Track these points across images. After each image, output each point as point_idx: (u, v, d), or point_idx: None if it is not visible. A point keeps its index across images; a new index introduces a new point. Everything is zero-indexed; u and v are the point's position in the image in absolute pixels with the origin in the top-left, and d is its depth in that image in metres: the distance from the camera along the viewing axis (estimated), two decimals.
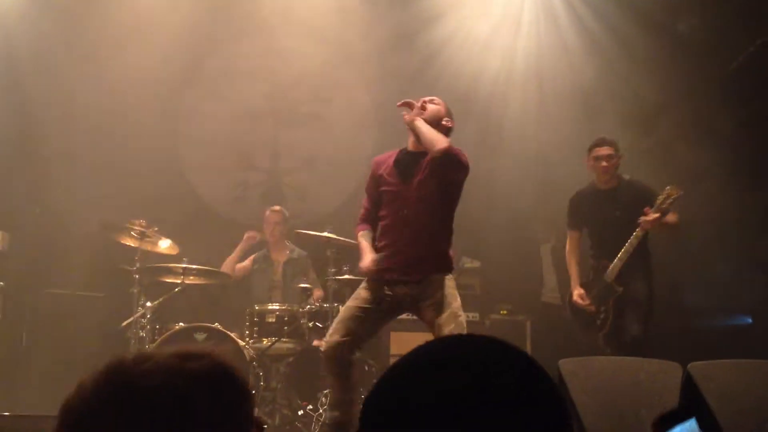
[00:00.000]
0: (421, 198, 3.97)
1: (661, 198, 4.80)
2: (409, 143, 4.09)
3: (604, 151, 5.12)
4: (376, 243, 4.07)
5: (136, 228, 5.48)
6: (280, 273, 6.21)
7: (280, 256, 6.21)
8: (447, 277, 3.98)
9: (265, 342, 5.43)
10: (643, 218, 4.83)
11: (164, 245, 5.71)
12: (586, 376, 3.51)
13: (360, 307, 3.96)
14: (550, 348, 5.61)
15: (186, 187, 6.78)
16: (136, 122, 6.52)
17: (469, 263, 6.28)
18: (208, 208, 6.80)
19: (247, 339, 5.48)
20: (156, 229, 5.57)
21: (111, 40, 6.56)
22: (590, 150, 5.17)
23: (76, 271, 6.39)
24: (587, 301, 5.13)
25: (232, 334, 5.40)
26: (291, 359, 5.50)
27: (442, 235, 4.04)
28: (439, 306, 3.87)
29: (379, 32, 6.77)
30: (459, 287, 5.99)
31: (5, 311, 5.55)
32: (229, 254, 6.25)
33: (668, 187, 4.80)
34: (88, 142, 6.50)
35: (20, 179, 6.23)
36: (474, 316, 5.99)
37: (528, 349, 5.76)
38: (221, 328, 5.38)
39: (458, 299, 3.96)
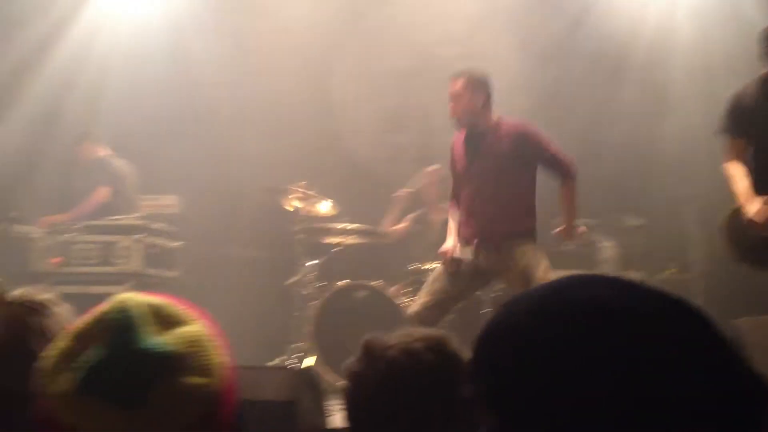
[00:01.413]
0: (493, 169, 4.18)
1: None
2: None
3: None
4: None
5: (298, 191, 5.67)
6: (437, 233, 6.17)
7: (438, 216, 6.19)
8: (528, 245, 4.09)
9: None
10: None
11: (324, 206, 5.86)
12: (766, 335, 3.28)
13: (446, 272, 4.23)
14: (728, 308, 5.22)
15: (342, 148, 6.93)
16: (293, 85, 6.74)
17: (632, 221, 6.00)
18: (364, 169, 6.91)
19: (404, 298, 5.55)
20: (315, 190, 5.74)
21: (268, 3, 6.83)
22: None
23: (243, 231, 6.75)
24: None
25: (390, 293, 5.49)
26: (451, 317, 5.51)
27: (517, 203, 4.15)
28: (524, 274, 3.96)
29: None
30: (621, 246, 5.83)
31: (186, 268, 6.06)
32: (385, 214, 6.33)
33: None
34: (250, 107, 6.80)
35: (191, 145, 6.64)
36: (639, 276, 5.76)
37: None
38: (379, 288, 5.49)
39: (544, 262, 4.05)
